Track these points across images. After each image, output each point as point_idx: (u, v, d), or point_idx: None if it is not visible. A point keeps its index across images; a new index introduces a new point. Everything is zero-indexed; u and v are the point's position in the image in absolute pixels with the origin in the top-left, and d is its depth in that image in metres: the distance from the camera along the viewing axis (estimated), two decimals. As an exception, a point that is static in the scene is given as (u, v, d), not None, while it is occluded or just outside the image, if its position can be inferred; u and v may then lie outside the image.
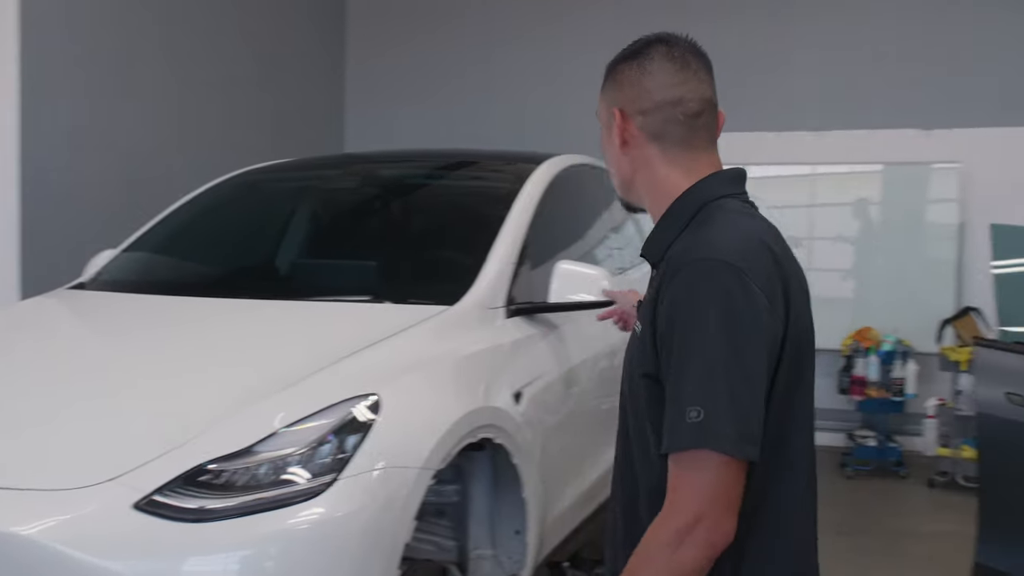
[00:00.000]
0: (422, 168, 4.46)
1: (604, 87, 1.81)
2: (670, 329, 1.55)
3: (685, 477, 1.50)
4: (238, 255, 4.20)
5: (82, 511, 2.29)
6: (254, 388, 2.64)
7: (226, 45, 6.77)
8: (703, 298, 1.53)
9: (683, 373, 1.52)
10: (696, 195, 1.69)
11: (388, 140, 7.94)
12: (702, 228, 1.63)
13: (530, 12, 8.11)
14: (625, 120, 1.73)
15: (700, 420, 1.47)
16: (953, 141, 7.17)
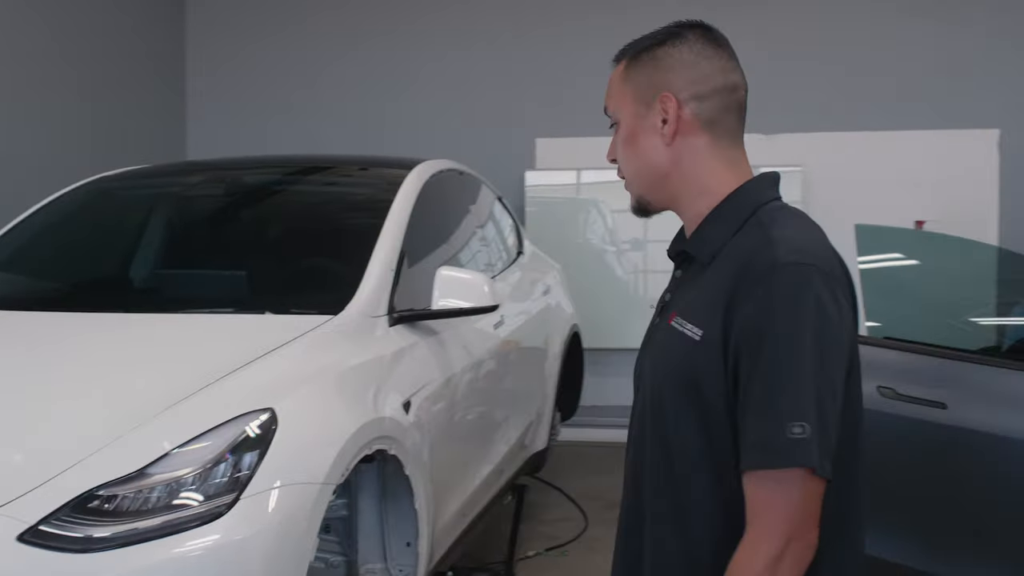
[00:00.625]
0: (290, 174, 4.35)
1: (636, 71, 1.63)
2: (759, 336, 1.42)
3: (778, 495, 1.39)
4: (103, 266, 4.00)
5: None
6: (140, 407, 2.49)
7: (49, 57, 6.41)
8: (800, 305, 1.42)
9: (779, 384, 1.39)
10: (750, 195, 1.58)
11: (233, 148, 7.71)
12: (774, 229, 1.51)
13: (378, 14, 8.01)
14: (680, 106, 1.58)
15: (804, 437, 1.37)
16: (793, 145, 7.46)
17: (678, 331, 1.52)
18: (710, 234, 1.57)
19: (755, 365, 1.41)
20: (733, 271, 1.48)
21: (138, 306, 3.44)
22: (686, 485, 1.51)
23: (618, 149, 1.67)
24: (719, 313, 1.46)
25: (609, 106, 1.68)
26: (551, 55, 7.74)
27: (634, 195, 1.68)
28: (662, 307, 1.67)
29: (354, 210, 4.10)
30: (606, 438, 7.27)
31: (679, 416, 1.51)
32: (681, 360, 1.51)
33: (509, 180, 7.37)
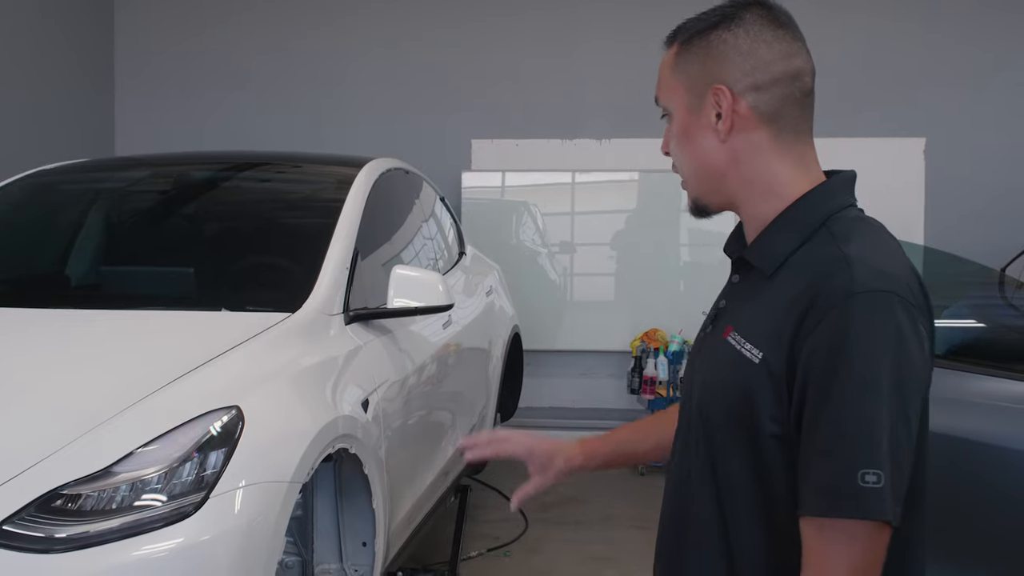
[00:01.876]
0: (239, 170, 4.28)
1: (687, 59, 1.47)
2: (830, 371, 1.27)
3: (842, 545, 1.27)
4: (43, 261, 3.88)
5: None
6: (102, 405, 2.43)
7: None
8: (878, 338, 1.27)
9: (852, 426, 1.26)
10: (821, 201, 1.43)
11: (163, 145, 7.55)
12: (850, 245, 1.35)
13: (311, 9, 7.92)
14: (735, 99, 1.42)
15: (878, 486, 1.23)
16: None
17: (734, 348, 1.39)
18: (775, 243, 1.42)
19: (825, 402, 1.27)
20: (802, 291, 1.33)
21: (88, 302, 3.36)
22: (732, 508, 1.40)
23: (671, 144, 1.51)
24: (785, 339, 1.32)
25: (660, 96, 1.51)
26: (488, 55, 7.75)
27: (690, 195, 1.51)
28: (715, 314, 1.52)
29: (306, 207, 4.06)
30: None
31: (727, 439, 1.39)
32: (735, 381, 1.37)
33: (446, 180, 7.35)
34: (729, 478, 1.39)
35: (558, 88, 7.71)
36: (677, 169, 1.53)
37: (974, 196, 7.17)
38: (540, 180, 7.72)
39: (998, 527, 3.08)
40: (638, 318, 7.45)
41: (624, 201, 7.78)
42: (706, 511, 1.43)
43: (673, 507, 1.53)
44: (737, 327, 1.41)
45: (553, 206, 7.79)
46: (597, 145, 7.75)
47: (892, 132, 7.31)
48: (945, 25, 7.32)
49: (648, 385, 7.03)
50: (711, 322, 1.53)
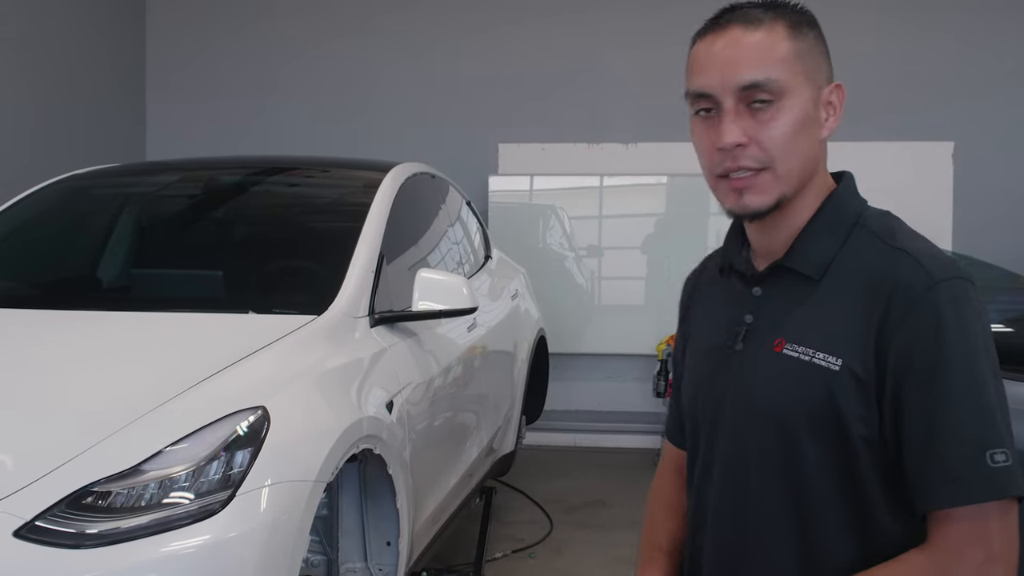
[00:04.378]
0: (268, 175, 4.34)
1: (806, 45, 1.39)
2: (932, 363, 1.27)
3: (984, 529, 1.26)
4: (83, 265, 3.96)
5: (-42, 541, 2.11)
6: (132, 404, 2.49)
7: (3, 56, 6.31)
8: (970, 323, 1.29)
9: (967, 411, 1.27)
10: (850, 202, 1.44)
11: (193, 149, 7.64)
12: (903, 240, 1.37)
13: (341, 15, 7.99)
14: (844, 98, 1.43)
15: (1009, 464, 1.25)
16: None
17: (799, 360, 1.35)
18: (818, 247, 1.40)
19: (934, 393, 1.27)
20: (870, 293, 1.32)
21: (119, 305, 3.42)
22: (818, 517, 1.36)
23: (768, 134, 1.35)
24: (867, 342, 1.31)
25: (776, 75, 1.35)
26: (515, 59, 7.78)
27: (777, 193, 1.38)
28: (743, 331, 1.45)
29: (333, 212, 4.11)
30: (566, 442, 7.34)
31: (808, 453, 1.35)
32: (813, 391, 1.33)
33: (473, 184, 7.39)
34: (812, 489, 1.36)
35: (584, 92, 7.73)
36: (758, 163, 1.36)
37: (1003, 201, 7.12)
38: (567, 184, 7.74)
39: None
40: (664, 322, 7.44)
41: (652, 205, 7.79)
42: (780, 527, 1.39)
43: (723, 540, 1.46)
44: (792, 338, 1.37)
45: (580, 210, 7.80)
46: (623, 149, 7.76)
47: (920, 136, 7.28)
48: (974, 28, 7.28)
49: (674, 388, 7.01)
50: (738, 340, 1.45)
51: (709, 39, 1.40)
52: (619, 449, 7.54)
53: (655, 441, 7.45)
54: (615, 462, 7.19)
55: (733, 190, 1.38)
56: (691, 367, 1.57)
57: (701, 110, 1.40)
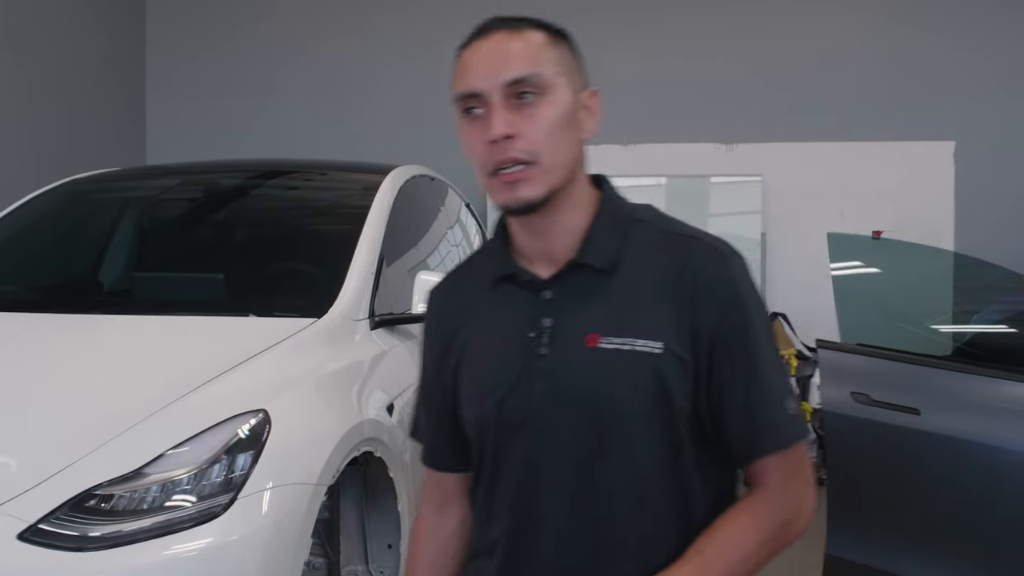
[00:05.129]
0: (266, 178, 4.34)
1: (564, 50, 1.50)
2: (739, 327, 1.43)
3: (789, 469, 1.45)
4: (82, 268, 3.98)
5: (-38, 544, 2.12)
6: (134, 407, 2.50)
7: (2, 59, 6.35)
8: (755, 293, 1.47)
9: (768, 368, 1.45)
10: (621, 201, 1.55)
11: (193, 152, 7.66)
12: (675, 226, 1.53)
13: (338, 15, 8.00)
14: (600, 104, 1.52)
15: (798, 411, 1.47)
16: (753, 155, 7.58)
17: (619, 350, 1.42)
18: (605, 241, 1.48)
19: (742, 356, 1.43)
20: (668, 276, 1.44)
21: (120, 308, 3.43)
22: (655, 502, 1.45)
23: (534, 127, 1.42)
24: (680, 321, 1.42)
25: (541, 71, 1.43)
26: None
27: (547, 184, 1.43)
28: (546, 335, 1.47)
29: (332, 215, 4.12)
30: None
31: (643, 435, 1.43)
32: (640, 378, 1.41)
33: (472, 187, 7.36)
34: (648, 467, 1.44)
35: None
36: (526, 154, 1.41)
37: (1005, 200, 7.12)
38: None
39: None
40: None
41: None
42: (624, 509, 1.44)
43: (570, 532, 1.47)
44: (607, 331, 1.43)
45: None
46: (623, 150, 7.76)
47: (921, 136, 7.28)
48: (975, 27, 7.28)
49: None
50: (542, 344, 1.47)
51: (475, 45, 1.47)
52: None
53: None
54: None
55: (505, 184, 1.42)
56: (478, 382, 1.53)
57: (470, 108, 1.44)
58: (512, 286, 1.52)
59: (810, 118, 7.49)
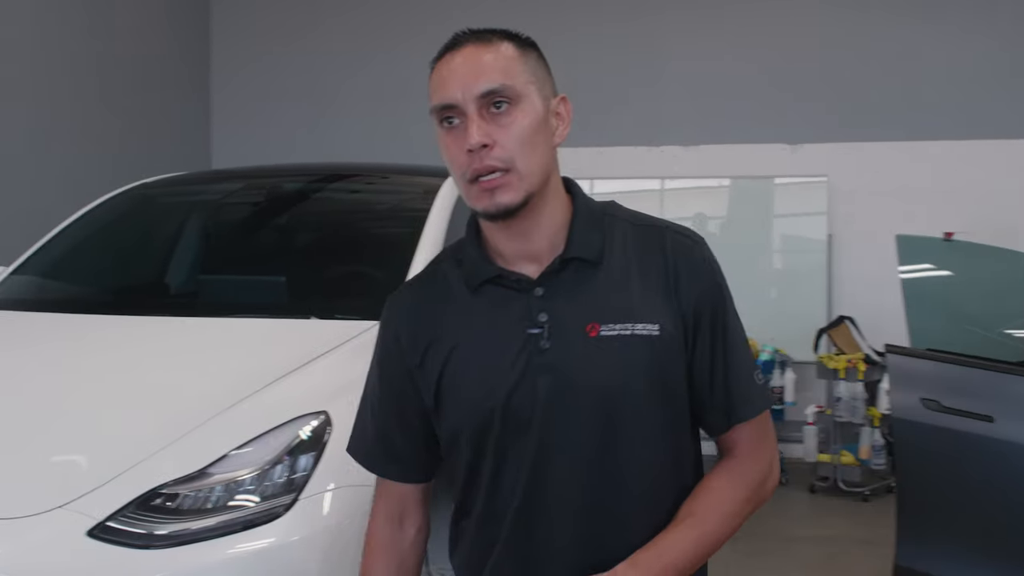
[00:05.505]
0: (328, 182, 4.37)
1: (531, 61, 1.56)
2: (715, 307, 1.58)
3: (765, 431, 1.63)
4: (148, 271, 4.03)
5: (33, 539, 2.18)
6: (199, 408, 2.53)
7: (78, 74, 6.49)
8: (721, 271, 1.62)
9: (740, 343, 1.61)
10: (590, 199, 1.64)
11: (257, 155, 7.76)
12: (644, 219, 1.65)
13: (406, 16, 8.05)
14: (570, 110, 1.60)
15: (764, 380, 1.64)
16: (818, 155, 7.48)
17: (619, 335, 1.51)
18: (589, 235, 1.58)
19: (720, 333, 1.57)
20: (650, 263, 1.56)
21: (184, 310, 3.48)
22: (661, 459, 1.56)
23: (508, 136, 1.49)
24: (669, 303, 1.54)
25: (512, 82, 1.50)
26: (571, 62, 7.75)
27: (523, 190, 1.50)
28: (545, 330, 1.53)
29: (392, 218, 4.13)
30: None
31: (650, 410, 1.54)
32: (646, 358, 1.52)
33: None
34: (653, 441, 1.55)
35: (641, 95, 7.70)
36: (501, 162, 1.48)
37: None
38: (626, 187, 7.69)
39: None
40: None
41: (714, 208, 7.72)
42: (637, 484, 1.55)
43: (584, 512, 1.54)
44: (605, 320, 1.52)
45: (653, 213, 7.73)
46: (683, 152, 7.72)
47: (992, 134, 7.13)
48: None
49: (738, 394, 6.95)
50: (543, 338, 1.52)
51: (447, 58, 1.55)
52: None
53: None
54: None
55: (484, 191, 1.49)
56: (477, 387, 1.56)
57: (446, 120, 1.52)
58: (498, 288, 1.57)
59: (877, 117, 7.38)
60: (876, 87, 7.42)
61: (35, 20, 6.09)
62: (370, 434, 1.71)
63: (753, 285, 7.45)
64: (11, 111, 5.86)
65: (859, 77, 7.45)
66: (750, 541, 5.40)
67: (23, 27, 5.99)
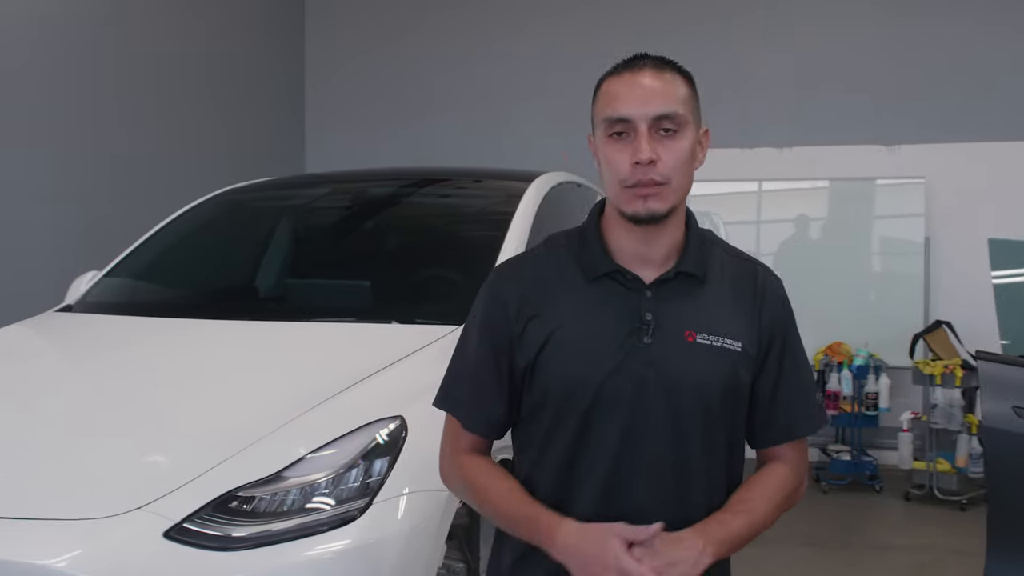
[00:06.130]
0: (411, 186, 4.41)
1: (693, 94, 1.78)
2: (785, 334, 1.82)
3: (803, 448, 1.84)
4: (231, 275, 4.12)
5: (111, 540, 2.22)
6: (276, 412, 2.58)
7: (178, 78, 6.67)
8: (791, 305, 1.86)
9: (804, 368, 1.84)
10: (698, 225, 1.84)
11: (348, 162, 7.88)
12: (735, 249, 1.89)
13: (495, 21, 8.09)
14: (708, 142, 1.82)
15: (821, 402, 1.80)
16: (915, 156, 7.29)
17: (711, 345, 1.74)
18: (699, 254, 1.80)
19: (793, 359, 1.81)
20: (740, 290, 1.80)
21: (269, 314, 3.54)
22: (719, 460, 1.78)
23: (671, 155, 1.71)
24: (751, 326, 1.78)
25: (680, 110, 1.72)
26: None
27: (671, 203, 1.73)
28: (649, 327, 1.73)
29: (475, 222, 4.14)
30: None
31: (720, 412, 1.75)
32: (725, 368, 1.74)
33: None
34: (721, 438, 1.77)
35: (734, 97, 7.61)
36: (659, 176, 1.70)
37: None
38: (720, 189, 7.61)
39: None
40: (822, 330, 7.24)
41: (812, 209, 7.57)
42: (702, 466, 1.75)
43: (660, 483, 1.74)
44: (701, 329, 1.75)
45: (736, 215, 7.66)
46: (778, 153, 7.60)
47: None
48: None
49: (831, 400, 6.82)
50: (646, 334, 1.73)
51: (626, 76, 1.74)
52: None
53: (812, 453, 7.27)
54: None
55: (639, 196, 1.71)
56: (579, 359, 1.74)
57: (617, 131, 1.71)
58: (614, 283, 1.78)
59: (975, 118, 7.17)
60: (975, 87, 7.20)
61: (150, 24, 6.28)
62: (463, 388, 1.90)
63: (850, 288, 7.31)
64: (134, 116, 6.05)
65: (956, 76, 7.24)
66: (842, 550, 5.29)
67: (141, 32, 6.19)
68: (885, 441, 6.92)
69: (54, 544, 2.21)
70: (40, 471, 2.47)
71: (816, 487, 6.58)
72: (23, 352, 3.42)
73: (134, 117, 6.21)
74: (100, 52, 5.88)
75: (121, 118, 6.10)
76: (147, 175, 6.30)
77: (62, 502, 2.33)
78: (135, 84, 6.24)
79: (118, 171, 6.08)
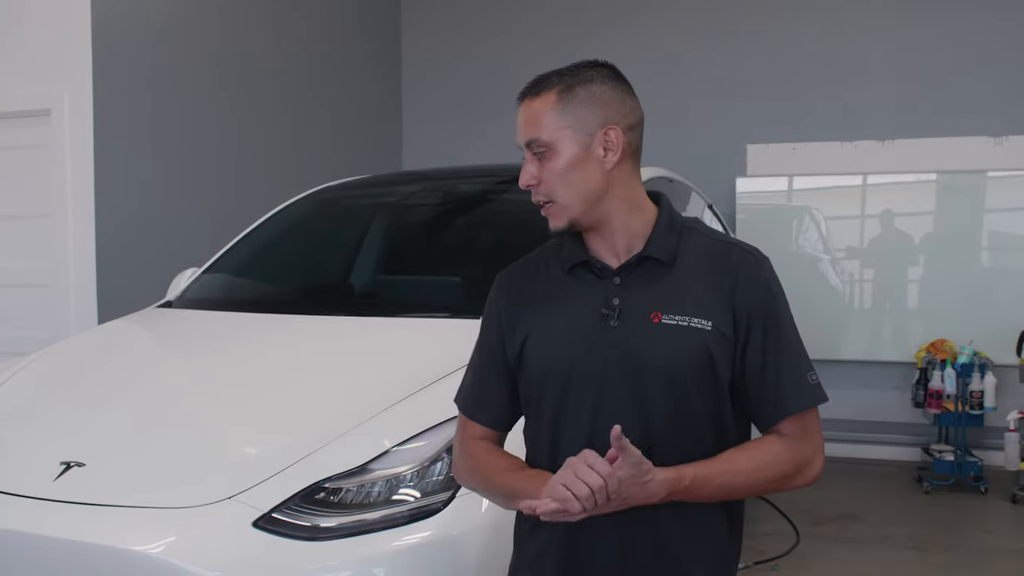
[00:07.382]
0: (500, 183, 4.43)
1: (571, 105, 1.80)
2: (771, 315, 1.80)
3: (809, 427, 1.81)
4: (324, 271, 4.20)
5: (203, 529, 2.29)
6: (362, 405, 2.63)
7: (284, 76, 6.80)
8: (781, 287, 1.84)
9: (796, 347, 1.82)
10: (675, 211, 1.89)
11: (444, 157, 7.96)
12: (718, 235, 1.93)
13: (591, 15, 8.08)
14: (620, 136, 1.81)
15: (818, 381, 1.81)
16: (1022, 148, 7.06)
17: (677, 325, 1.77)
18: (665, 241, 1.83)
19: (776, 339, 1.79)
20: (716, 271, 1.81)
21: (361, 310, 3.59)
22: (697, 439, 1.78)
23: (548, 175, 1.80)
24: (724, 306, 1.78)
25: (539, 135, 1.79)
26: (762, 58, 7.61)
27: (565, 217, 1.81)
28: (616, 311, 1.79)
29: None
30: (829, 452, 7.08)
31: (697, 392, 1.76)
32: (693, 347, 1.75)
33: (719, 187, 7.29)
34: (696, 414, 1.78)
35: (834, 89, 7.46)
36: (543, 197, 1.81)
37: None
38: (820, 184, 7.48)
39: None
40: (926, 328, 7.08)
41: (919, 204, 7.36)
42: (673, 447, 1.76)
43: None
44: (667, 310, 1.78)
45: (837, 210, 7.51)
46: (880, 146, 7.43)
47: None
48: None
49: (934, 399, 6.65)
50: (613, 318, 1.79)
51: (520, 104, 1.87)
52: (875, 461, 7.24)
53: (914, 453, 7.09)
54: (870, 474, 6.89)
55: (545, 215, 1.84)
56: (555, 345, 1.83)
57: None
58: (586, 272, 1.86)
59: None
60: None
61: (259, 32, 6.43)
62: (470, 386, 2.00)
63: (955, 283, 7.12)
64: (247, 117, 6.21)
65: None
66: (944, 553, 5.15)
67: (246, 36, 6.34)
68: (991, 441, 6.71)
69: (149, 532, 2.29)
70: (137, 461, 2.56)
71: (918, 488, 6.41)
72: (122, 347, 3.54)
73: (247, 118, 6.36)
74: (215, 56, 6.04)
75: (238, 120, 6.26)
76: (265, 173, 6.47)
77: (158, 491, 2.41)
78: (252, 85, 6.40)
79: (242, 170, 6.24)
